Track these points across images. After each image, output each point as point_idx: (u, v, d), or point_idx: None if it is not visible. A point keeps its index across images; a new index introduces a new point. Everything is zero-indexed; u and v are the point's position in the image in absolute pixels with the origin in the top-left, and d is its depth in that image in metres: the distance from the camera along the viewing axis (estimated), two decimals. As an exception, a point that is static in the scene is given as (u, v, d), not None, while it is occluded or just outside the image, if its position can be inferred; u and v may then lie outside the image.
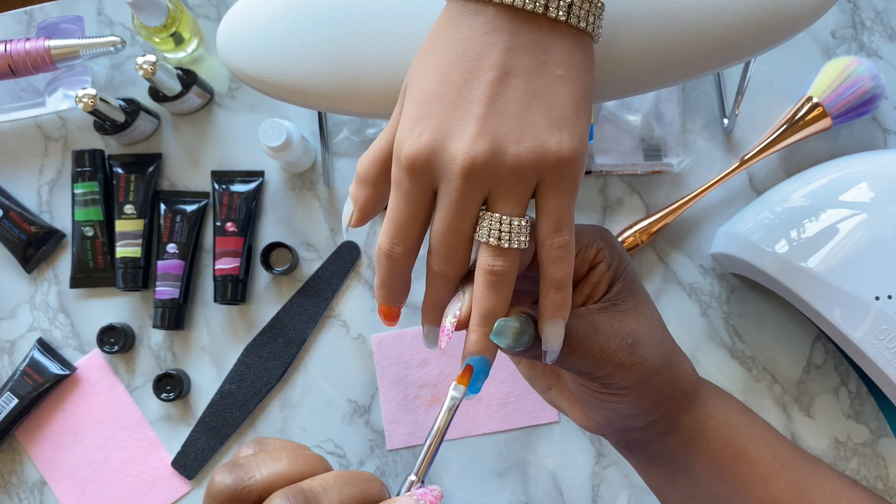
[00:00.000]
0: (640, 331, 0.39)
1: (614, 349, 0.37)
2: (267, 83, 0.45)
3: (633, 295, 0.39)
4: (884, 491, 0.61)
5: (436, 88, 0.34)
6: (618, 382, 0.38)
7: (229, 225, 0.65)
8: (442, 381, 0.63)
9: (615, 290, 0.39)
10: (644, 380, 0.38)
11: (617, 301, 0.39)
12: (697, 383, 0.42)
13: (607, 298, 0.39)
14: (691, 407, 0.41)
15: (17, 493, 0.65)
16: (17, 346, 0.67)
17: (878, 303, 0.52)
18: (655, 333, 0.39)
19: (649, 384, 0.38)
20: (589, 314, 0.38)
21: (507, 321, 0.35)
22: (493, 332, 0.34)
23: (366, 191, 0.37)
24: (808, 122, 0.61)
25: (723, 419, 0.41)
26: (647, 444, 0.42)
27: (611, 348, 0.37)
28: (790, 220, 0.56)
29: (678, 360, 0.40)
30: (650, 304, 0.40)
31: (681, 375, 0.40)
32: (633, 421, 0.40)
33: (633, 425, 0.41)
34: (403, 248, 0.36)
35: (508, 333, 0.35)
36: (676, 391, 0.40)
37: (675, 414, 0.41)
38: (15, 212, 0.66)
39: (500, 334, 0.35)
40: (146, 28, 0.62)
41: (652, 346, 0.39)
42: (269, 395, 0.65)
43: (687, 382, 0.41)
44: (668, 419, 0.40)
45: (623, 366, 0.37)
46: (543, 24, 0.33)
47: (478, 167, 0.33)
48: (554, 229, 0.34)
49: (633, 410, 0.39)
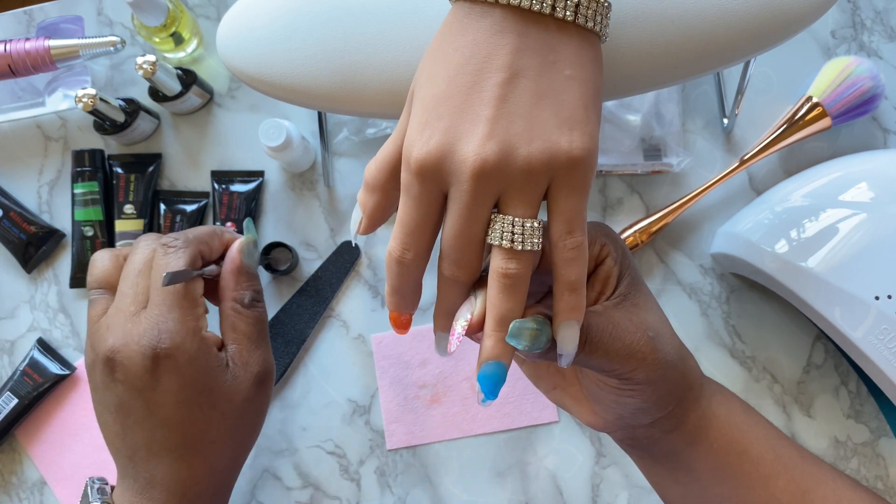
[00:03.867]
0: (658, 323, 0.39)
1: (637, 343, 0.37)
2: (267, 83, 0.45)
3: (640, 288, 0.40)
4: (884, 491, 0.61)
5: (444, 91, 0.34)
6: (638, 377, 0.38)
7: (229, 225, 0.65)
8: (442, 380, 0.63)
9: (625, 285, 0.39)
10: (662, 373, 0.38)
11: (628, 294, 0.39)
12: (702, 379, 0.42)
13: (619, 293, 0.39)
14: (696, 404, 0.41)
15: (17, 493, 0.65)
16: (17, 346, 0.67)
17: (878, 303, 0.52)
18: (667, 326, 0.40)
19: (665, 378, 0.39)
20: (606, 311, 0.38)
21: (524, 322, 0.34)
22: (509, 333, 0.34)
23: (374, 197, 0.37)
24: (807, 121, 0.61)
25: (726, 418, 0.42)
26: (651, 442, 0.42)
27: (633, 343, 0.37)
28: (790, 219, 0.56)
29: (686, 355, 0.41)
30: (654, 298, 0.41)
31: (689, 370, 0.41)
32: (643, 416, 0.40)
33: (641, 421, 0.41)
34: (414, 254, 0.35)
35: (525, 335, 0.34)
36: (686, 386, 0.40)
37: (682, 410, 0.41)
38: (15, 212, 0.66)
39: (517, 336, 0.34)
40: (146, 28, 0.62)
41: (667, 339, 0.39)
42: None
43: (694, 377, 0.41)
44: (676, 415, 0.41)
45: (645, 359, 0.37)
46: (551, 25, 0.33)
47: (488, 169, 0.32)
48: (567, 230, 0.34)
49: (646, 404, 0.39)
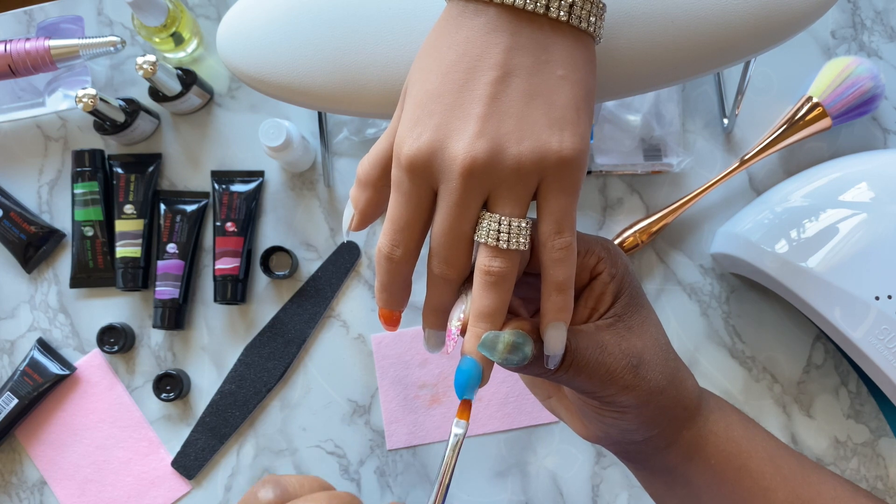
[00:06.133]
0: (646, 350, 0.38)
1: (620, 371, 0.36)
2: (267, 83, 0.45)
3: (638, 310, 0.38)
4: (884, 491, 0.61)
5: (436, 89, 0.34)
6: (620, 402, 0.37)
7: (229, 225, 0.65)
8: (442, 381, 0.63)
9: (621, 304, 0.38)
10: (646, 399, 0.38)
11: (623, 316, 0.38)
12: (700, 398, 0.41)
13: (614, 313, 0.38)
14: (692, 423, 0.40)
15: (17, 493, 0.65)
16: (17, 346, 0.67)
17: (878, 303, 0.52)
18: (661, 352, 0.39)
19: (650, 403, 0.38)
20: (597, 332, 0.37)
21: (498, 334, 0.34)
22: (481, 343, 0.33)
23: (366, 193, 0.37)
24: (808, 121, 0.61)
25: (724, 434, 0.41)
26: (646, 457, 0.42)
27: (616, 369, 0.36)
28: (790, 220, 0.56)
29: (682, 377, 0.40)
30: (655, 319, 0.39)
31: (684, 392, 0.40)
32: (631, 435, 0.40)
33: (631, 439, 0.40)
34: (404, 250, 0.35)
35: (498, 347, 0.34)
36: (678, 408, 0.39)
37: (675, 429, 0.40)
38: (15, 212, 0.66)
39: (490, 348, 0.33)
40: (146, 28, 0.62)
41: (656, 367, 0.38)
42: (269, 395, 0.65)
43: (689, 399, 0.40)
44: (668, 434, 0.40)
45: (627, 387, 0.37)
46: (545, 25, 0.33)
47: (478, 167, 0.32)
48: (555, 230, 0.34)
49: (632, 426, 0.39)
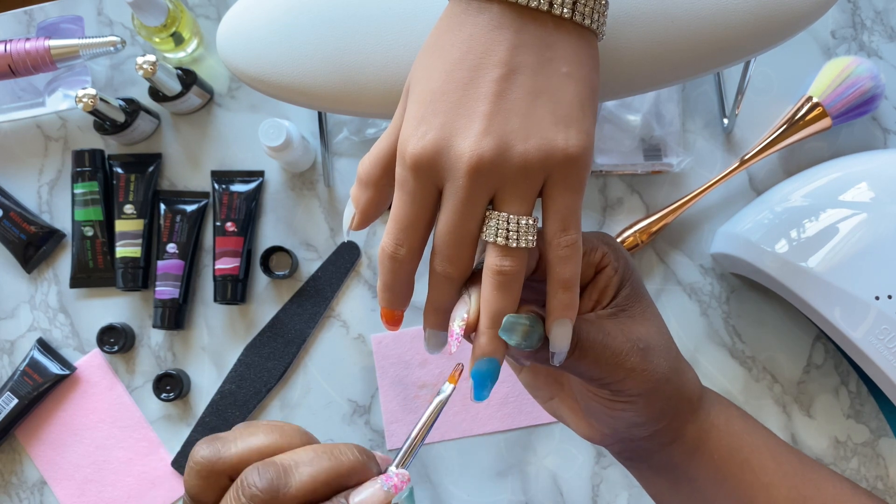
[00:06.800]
0: (650, 336, 0.38)
1: (626, 353, 0.37)
2: (267, 83, 0.45)
3: (640, 300, 0.39)
4: (884, 491, 0.61)
5: (440, 87, 0.33)
6: (628, 388, 0.37)
7: (229, 225, 0.65)
8: (442, 380, 0.63)
9: (623, 296, 0.38)
10: (653, 387, 0.38)
11: (625, 306, 0.38)
12: (701, 392, 0.42)
13: (616, 304, 0.38)
14: (695, 416, 0.41)
15: (17, 493, 0.65)
16: (17, 346, 0.67)
17: (878, 303, 0.52)
18: (663, 340, 0.39)
19: (658, 391, 0.38)
20: (599, 319, 0.37)
21: (517, 318, 0.34)
22: (501, 328, 0.34)
23: (367, 193, 0.37)
24: (808, 121, 0.61)
25: (725, 428, 0.41)
26: (650, 454, 0.42)
27: (622, 352, 0.37)
28: (790, 219, 0.56)
29: (683, 369, 0.40)
30: (656, 310, 0.40)
31: (686, 384, 0.40)
32: (638, 430, 0.40)
33: (637, 435, 0.40)
34: (408, 250, 0.35)
35: (518, 331, 0.34)
36: (682, 400, 0.40)
37: (679, 423, 0.40)
38: (15, 212, 0.66)
39: (510, 331, 0.34)
40: (146, 28, 0.62)
41: (661, 353, 0.38)
42: (269, 395, 0.65)
43: (691, 391, 0.40)
44: (673, 428, 0.40)
45: (634, 370, 0.37)
46: (548, 22, 0.33)
47: (484, 165, 0.32)
48: (561, 228, 0.34)
49: (640, 419, 0.39)
